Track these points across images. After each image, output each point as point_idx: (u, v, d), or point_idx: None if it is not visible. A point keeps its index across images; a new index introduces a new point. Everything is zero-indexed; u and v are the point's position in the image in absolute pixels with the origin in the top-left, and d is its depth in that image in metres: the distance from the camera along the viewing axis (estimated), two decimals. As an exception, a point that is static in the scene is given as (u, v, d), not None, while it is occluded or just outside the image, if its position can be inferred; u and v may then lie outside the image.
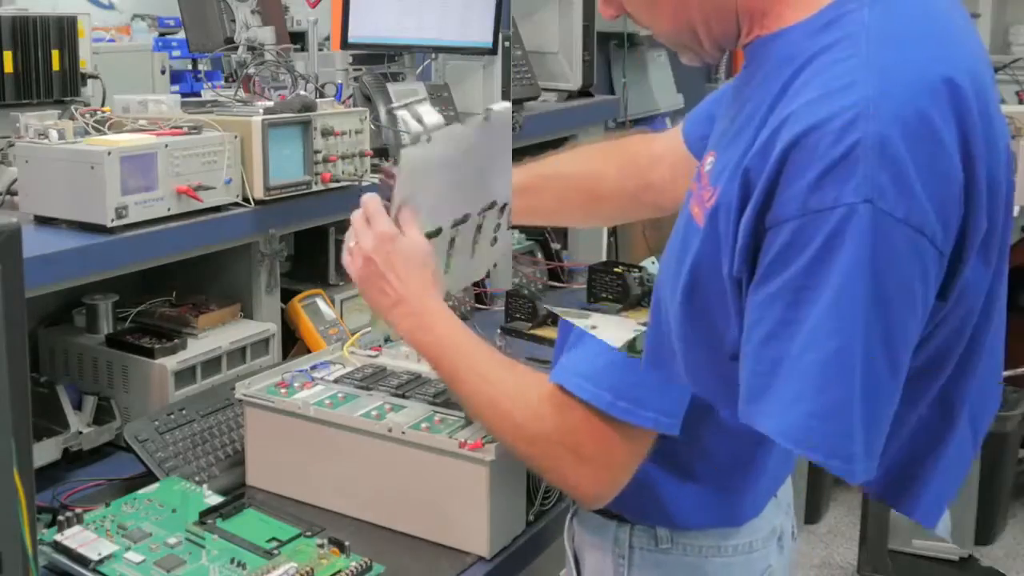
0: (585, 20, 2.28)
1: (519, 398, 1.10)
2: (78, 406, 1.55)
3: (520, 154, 2.21)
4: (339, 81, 2.01)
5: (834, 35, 0.87)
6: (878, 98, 0.81)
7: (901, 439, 0.93)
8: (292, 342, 1.85)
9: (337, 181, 1.76)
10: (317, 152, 1.73)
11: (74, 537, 1.22)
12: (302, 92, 1.80)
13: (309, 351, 1.75)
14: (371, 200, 1.24)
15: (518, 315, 1.84)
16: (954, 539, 2.81)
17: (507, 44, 1.98)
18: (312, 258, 1.94)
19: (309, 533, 1.25)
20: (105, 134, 1.61)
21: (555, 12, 2.30)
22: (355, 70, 2.01)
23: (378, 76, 1.93)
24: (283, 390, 1.45)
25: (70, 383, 1.59)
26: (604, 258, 2.36)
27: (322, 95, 1.90)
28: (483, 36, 1.95)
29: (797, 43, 0.89)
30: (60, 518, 1.25)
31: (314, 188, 1.74)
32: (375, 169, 1.75)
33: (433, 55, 2.03)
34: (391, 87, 1.88)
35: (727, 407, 0.93)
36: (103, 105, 1.85)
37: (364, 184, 1.73)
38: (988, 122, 0.86)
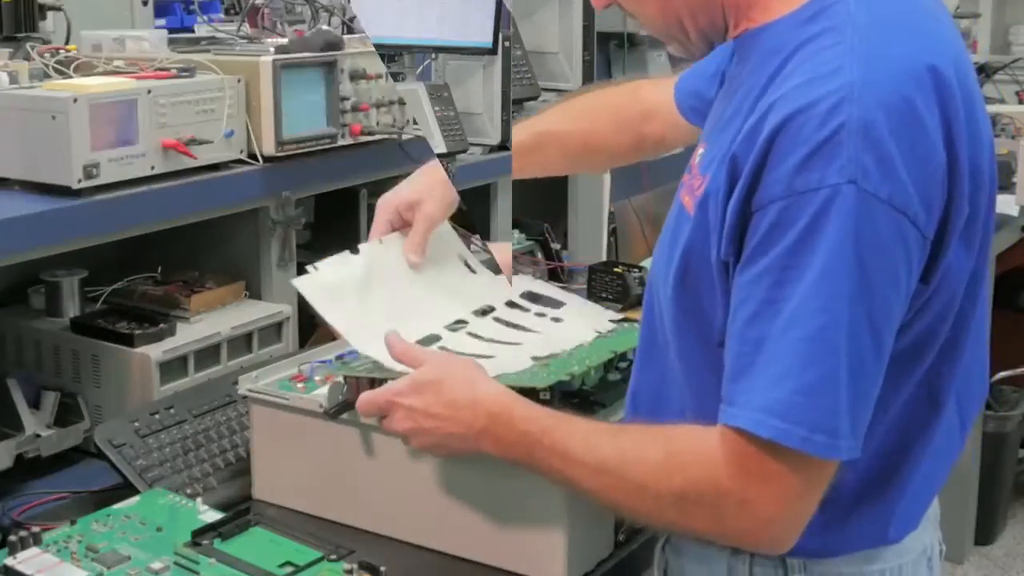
0: (585, 20, 2.35)
1: (642, 460, 0.99)
2: (35, 404, 1.46)
3: None
4: (372, 14, 1.88)
5: (820, 25, 0.92)
6: (862, 83, 0.87)
7: (888, 423, 0.97)
8: (311, 327, 1.73)
9: (371, 134, 1.67)
10: (345, 99, 1.65)
11: (30, 561, 1.13)
12: (325, 27, 1.72)
13: (334, 338, 1.58)
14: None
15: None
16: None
17: (507, 44, 2.06)
18: (338, 226, 1.83)
19: (334, 556, 1.14)
20: (70, 77, 1.49)
21: (555, 12, 2.36)
22: (394, -1, 1.93)
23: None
24: (300, 385, 1.32)
25: (25, 376, 1.48)
26: (604, 258, 2.40)
27: (351, 31, 1.82)
28: (483, 36, 2.01)
29: (784, 34, 0.95)
30: (12, 538, 1.16)
31: (340, 142, 1.65)
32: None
33: (433, 55, 2.08)
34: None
35: (708, 394, 0.96)
36: (67, 43, 1.72)
37: (405, 138, 1.58)
38: (971, 111, 0.92)
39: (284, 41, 1.67)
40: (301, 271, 1.69)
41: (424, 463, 1.22)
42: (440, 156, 1.98)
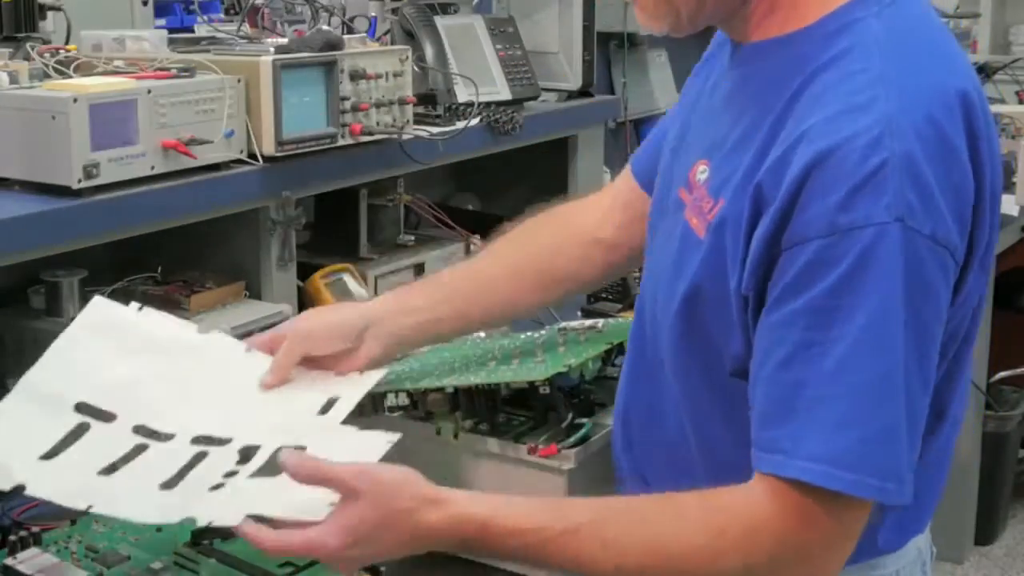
0: (585, 20, 2.33)
1: (684, 551, 0.90)
2: None
3: (520, 154, 2.08)
4: (372, 14, 1.90)
5: (843, 44, 0.90)
6: (900, 115, 0.85)
7: None
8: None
9: (371, 134, 1.64)
10: (344, 99, 1.62)
11: (30, 562, 1.14)
12: (324, 27, 1.70)
13: None
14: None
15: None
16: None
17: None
18: (338, 226, 1.83)
19: (334, 556, 1.12)
20: (70, 77, 1.48)
21: (555, 12, 2.34)
22: (392, 1, 1.93)
23: (423, 8, 1.84)
24: (300, 384, 1.29)
25: (25, 376, 1.46)
26: None
27: (350, 31, 1.81)
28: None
29: (802, 49, 0.92)
30: (12, 538, 1.17)
31: (340, 142, 1.63)
32: (419, 119, 1.57)
33: None
34: (441, 21, 1.70)
35: (722, 423, 0.95)
36: (67, 43, 1.71)
37: (405, 138, 1.56)
38: (990, 133, 0.91)
39: (284, 41, 1.64)
40: (304, 268, 1.68)
41: (425, 463, 1.19)
42: (503, 104, 1.91)
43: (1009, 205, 2.57)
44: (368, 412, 1.19)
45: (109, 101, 1.38)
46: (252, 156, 1.54)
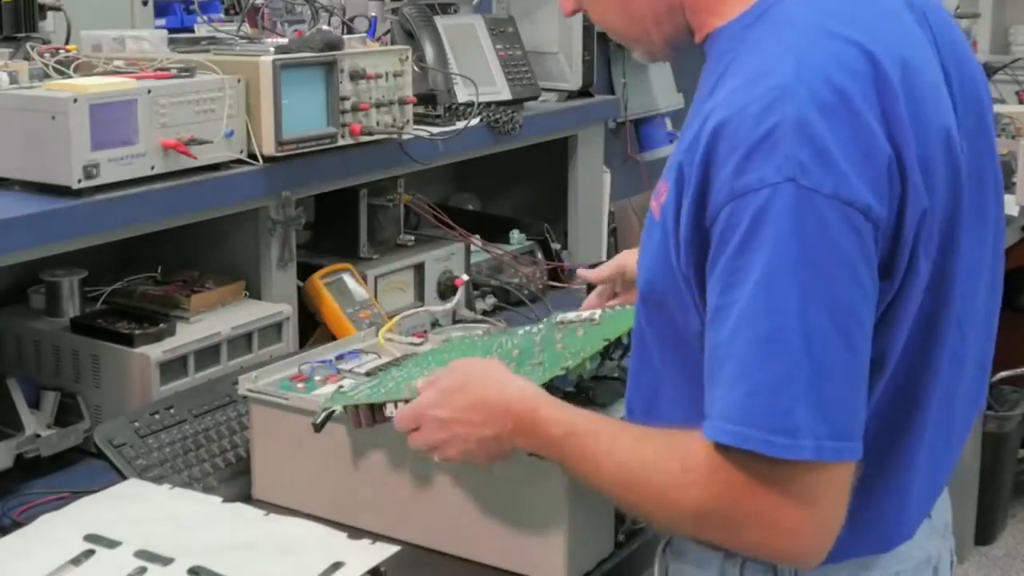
0: (585, 20, 2.31)
1: (661, 471, 0.95)
2: (35, 404, 1.45)
3: (520, 154, 2.08)
4: (372, 14, 1.89)
5: (761, 28, 0.93)
6: (795, 82, 0.86)
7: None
8: (312, 327, 1.73)
9: (371, 134, 1.64)
10: (344, 99, 1.62)
11: None
12: (324, 27, 1.70)
13: (334, 338, 1.63)
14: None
15: None
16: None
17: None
18: (338, 226, 1.82)
19: (334, 558, 1.12)
20: (70, 77, 1.48)
21: (555, 12, 2.33)
22: (392, 1, 1.92)
23: (423, 8, 1.83)
24: (300, 385, 1.33)
25: (25, 376, 1.47)
26: (604, 258, 2.37)
27: (350, 31, 1.81)
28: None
29: (731, 38, 0.96)
30: None
31: (340, 142, 1.62)
32: (419, 119, 1.57)
33: None
34: (441, 21, 1.70)
35: (696, 400, 0.94)
36: (67, 43, 1.70)
37: (405, 138, 1.56)
38: (916, 106, 0.89)
39: (284, 41, 1.64)
40: (304, 268, 1.67)
41: (424, 463, 1.20)
42: (503, 104, 1.93)
43: (1009, 205, 2.57)
44: (367, 422, 1.19)
45: (109, 101, 1.38)
46: (252, 156, 1.54)
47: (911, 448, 0.97)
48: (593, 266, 1.46)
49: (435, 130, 1.78)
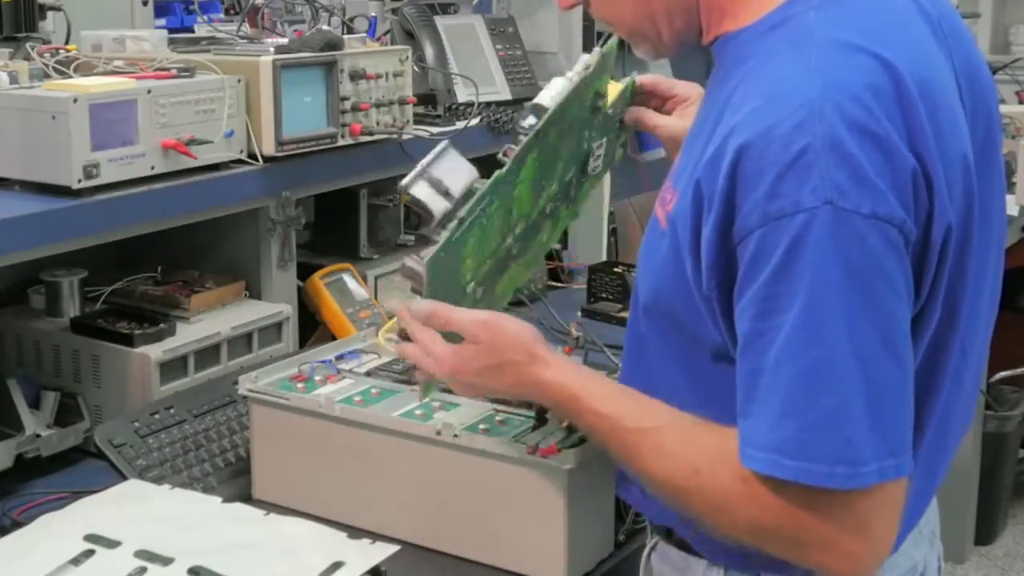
0: (585, 20, 2.33)
1: (718, 477, 0.92)
2: (35, 404, 1.44)
3: None
4: (372, 14, 1.89)
5: (779, 38, 0.91)
6: (822, 100, 0.84)
7: None
8: (312, 327, 1.74)
9: (371, 134, 1.64)
10: (345, 99, 1.62)
11: None
12: (324, 27, 1.69)
13: (334, 338, 1.64)
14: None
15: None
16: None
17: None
18: (338, 226, 1.82)
19: (334, 557, 1.12)
20: (70, 77, 1.47)
21: (555, 12, 2.36)
22: (392, 1, 1.93)
23: (423, 8, 1.84)
24: (300, 385, 1.32)
25: (25, 376, 1.47)
26: (604, 258, 2.39)
27: (350, 31, 1.81)
28: (558, -44, 1.88)
29: (747, 44, 0.94)
30: None
31: (340, 142, 1.62)
32: (419, 120, 1.57)
33: None
34: (441, 21, 1.69)
35: (700, 409, 0.94)
36: (67, 43, 1.70)
37: (405, 138, 1.55)
38: (936, 125, 0.88)
39: (284, 41, 1.64)
40: (304, 268, 1.67)
41: (425, 463, 1.21)
42: (503, 104, 1.93)
43: (1009, 205, 2.57)
44: None
45: (109, 101, 1.38)
46: (252, 156, 1.54)
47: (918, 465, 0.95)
48: None
49: (435, 130, 1.78)
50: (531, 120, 1.11)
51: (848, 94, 0.85)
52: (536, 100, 1.14)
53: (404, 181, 1.09)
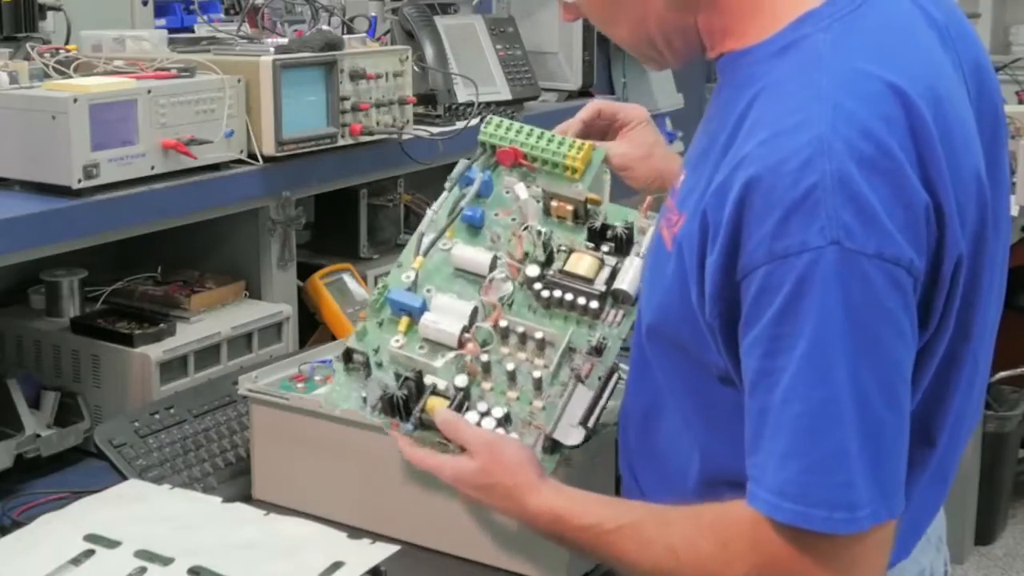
0: (585, 20, 2.24)
1: (697, 552, 0.92)
2: (35, 404, 1.44)
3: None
4: (372, 14, 1.89)
5: (790, 63, 0.89)
6: (831, 134, 0.82)
7: None
8: (312, 327, 1.73)
9: (371, 134, 1.64)
10: (344, 99, 1.62)
11: None
12: (324, 27, 1.69)
13: (334, 338, 1.64)
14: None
15: None
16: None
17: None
18: (338, 226, 1.82)
19: (335, 558, 1.12)
20: (70, 77, 1.48)
21: (555, 12, 2.35)
22: (392, 1, 1.93)
23: (423, 8, 1.84)
24: (300, 384, 1.33)
25: (25, 376, 1.46)
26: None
27: (350, 31, 1.80)
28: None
29: (755, 65, 0.91)
30: None
31: (340, 142, 1.62)
32: (419, 120, 1.57)
33: None
34: (441, 21, 1.70)
35: (709, 431, 0.95)
36: (67, 43, 1.70)
37: (405, 138, 1.56)
38: (950, 146, 0.87)
39: (284, 41, 1.64)
40: (304, 268, 1.67)
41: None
42: (503, 104, 1.94)
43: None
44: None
45: (109, 101, 1.38)
46: (252, 156, 1.54)
47: (919, 479, 0.97)
48: None
49: (435, 130, 1.78)
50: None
51: (859, 128, 0.83)
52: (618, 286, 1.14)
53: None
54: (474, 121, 1.84)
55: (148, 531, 1.09)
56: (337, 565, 1.04)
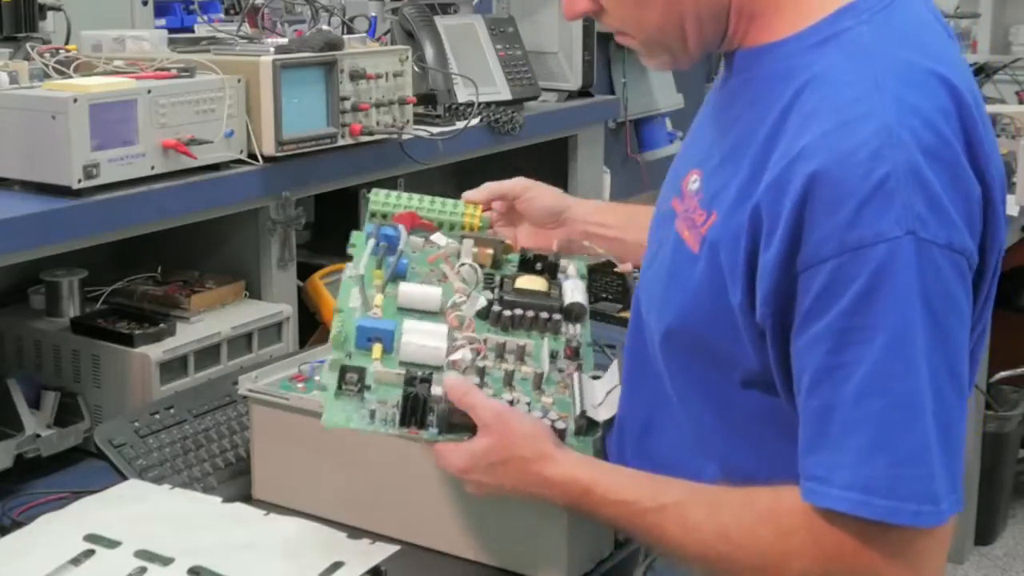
0: (585, 20, 2.33)
1: (754, 537, 0.90)
2: (35, 404, 1.43)
3: (520, 154, 2.09)
4: (372, 14, 1.90)
5: (832, 55, 0.87)
6: (897, 125, 0.82)
7: None
8: (312, 327, 1.73)
9: (371, 134, 1.65)
10: (344, 99, 1.63)
11: None
12: (324, 27, 1.70)
13: None
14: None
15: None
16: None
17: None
18: (338, 226, 1.78)
19: (335, 558, 1.11)
20: (70, 77, 1.48)
21: (555, 12, 2.36)
22: (392, 1, 1.94)
23: (423, 8, 1.84)
24: (300, 385, 1.32)
25: (25, 376, 1.46)
26: (604, 258, 2.32)
27: (350, 31, 1.82)
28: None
29: (792, 59, 0.90)
30: None
31: (340, 142, 1.63)
32: (419, 120, 1.57)
33: None
34: (441, 21, 1.70)
35: (726, 438, 0.94)
36: (67, 43, 1.71)
37: (405, 138, 1.55)
38: (989, 135, 0.88)
39: (284, 41, 1.65)
40: (304, 268, 1.67)
41: (424, 463, 1.18)
42: (503, 104, 1.95)
43: (1009, 205, 2.57)
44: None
45: (109, 101, 1.38)
46: (252, 156, 1.54)
47: None
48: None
49: (435, 130, 1.78)
50: None
51: (921, 118, 0.83)
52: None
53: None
54: (474, 121, 1.85)
55: (148, 531, 1.09)
56: (337, 565, 1.04)
